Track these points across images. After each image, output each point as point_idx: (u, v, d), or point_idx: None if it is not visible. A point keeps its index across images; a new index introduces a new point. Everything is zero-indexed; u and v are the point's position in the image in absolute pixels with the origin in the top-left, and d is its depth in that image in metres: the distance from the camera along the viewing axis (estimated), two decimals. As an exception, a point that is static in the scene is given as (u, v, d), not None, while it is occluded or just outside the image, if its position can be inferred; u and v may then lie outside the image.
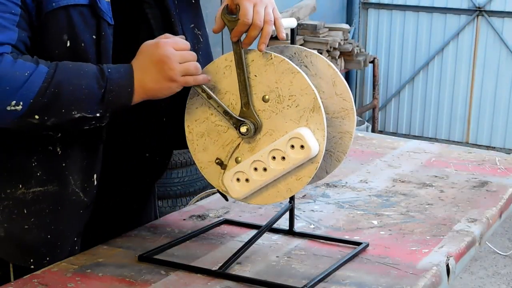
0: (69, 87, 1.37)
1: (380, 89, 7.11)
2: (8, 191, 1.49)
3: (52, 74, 1.36)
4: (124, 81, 1.42)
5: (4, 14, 1.36)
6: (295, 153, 1.44)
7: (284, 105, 1.46)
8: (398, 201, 1.95)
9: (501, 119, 6.77)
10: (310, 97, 1.44)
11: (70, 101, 1.38)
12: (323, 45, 5.91)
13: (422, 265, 1.54)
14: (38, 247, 1.52)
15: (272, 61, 1.46)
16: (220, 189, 1.55)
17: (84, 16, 1.43)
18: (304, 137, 1.43)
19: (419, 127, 7.19)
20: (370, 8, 7.21)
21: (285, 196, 1.51)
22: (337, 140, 1.57)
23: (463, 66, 6.84)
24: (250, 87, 1.48)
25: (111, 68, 1.43)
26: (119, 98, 1.42)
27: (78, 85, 1.38)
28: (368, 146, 2.50)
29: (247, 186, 1.49)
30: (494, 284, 4.18)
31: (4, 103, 1.33)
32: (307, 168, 1.46)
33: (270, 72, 1.46)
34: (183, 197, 4.18)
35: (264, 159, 1.47)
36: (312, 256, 1.60)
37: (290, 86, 1.45)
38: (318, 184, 2.05)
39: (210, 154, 1.53)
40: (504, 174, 2.21)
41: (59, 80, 1.36)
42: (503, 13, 6.54)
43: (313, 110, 1.44)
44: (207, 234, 1.72)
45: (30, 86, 1.34)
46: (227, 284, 1.45)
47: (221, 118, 1.51)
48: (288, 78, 1.45)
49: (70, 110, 1.38)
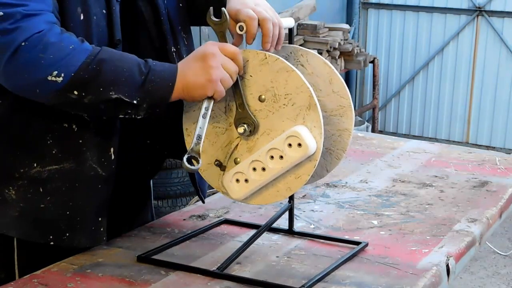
0: (111, 67, 1.38)
1: (380, 89, 7.11)
2: (22, 170, 1.49)
3: (96, 53, 1.38)
4: (167, 74, 1.43)
5: None
6: (293, 152, 1.44)
7: (280, 104, 1.46)
8: (398, 201, 1.95)
9: (501, 119, 6.77)
10: (305, 95, 1.44)
11: (109, 80, 1.38)
12: (323, 45, 5.91)
13: (422, 265, 1.54)
14: (57, 223, 1.52)
15: (266, 60, 1.46)
16: (220, 191, 1.55)
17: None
18: (301, 135, 1.43)
19: (419, 127, 7.19)
20: (370, 8, 7.21)
21: (285, 195, 1.51)
22: (336, 138, 1.57)
23: (463, 66, 6.84)
24: (246, 88, 1.48)
25: (156, 62, 1.44)
26: (158, 90, 1.42)
27: (120, 66, 1.39)
28: (368, 146, 2.50)
29: (246, 186, 1.49)
30: (494, 284, 4.18)
31: (46, 72, 1.34)
32: (306, 166, 1.46)
33: (265, 71, 1.46)
34: (183, 197, 4.17)
35: (262, 159, 1.47)
36: (312, 256, 1.60)
37: (285, 85, 1.45)
38: (318, 184, 2.05)
39: (209, 156, 1.53)
40: (504, 174, 2.21)
41: (102, 58, 1.38)
42: (503, 13, 6.54)
43: (309, 108, 1.44)
44: (207, 234, 1.72)
45: (72, 60, 1.35)
46: (227, 284, 1.45)
47: (219, 119, 1.51)
48: (283, 77, 1.45)
49: (108, 90, 1.38)
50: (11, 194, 1.51)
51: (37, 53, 1.33)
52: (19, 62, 1.33)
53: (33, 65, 1.34)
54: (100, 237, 1.58)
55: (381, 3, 7.13)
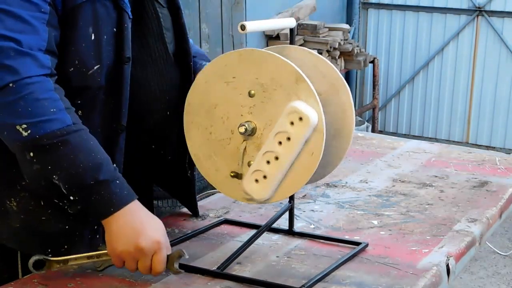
0: (69, 154, 1.36)
1: (380, 89, 7.11)
2: (24, 183, 1.48)
3: (70, 131, 1.36)
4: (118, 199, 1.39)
5: (34, 13, 1.37)
6: (297, 128, 1.42)
7: (270, 91, 1.45)
8: (398, 201, 1.95)
9: (501, 119, 6.77)
10: (289, 71, 1.43)
11: (59, 164, 1.36)
12: (323, 45, 5.91)
13: (422, 265, 1.54)
14: (56, 236, 1.52)
15: (242, 57, 1.46)
16: (244, 200, 1.53)
17: (107, 9, 1.47)
18: (298, 108, 1.41)
19: (419, 127, 7.19)
20: (370, 8, 7.21)
21: (307, 177, 1.46)
22: (340, 115, 1.56)
23: (463, 66, 6.84)
24: (234, 89, 1.47)
25: (122, 181, 1.41)
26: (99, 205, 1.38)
27: (79, 159, 1.36)
28: (368, 146, 2.50)
29: (267, 182, 1.47)
30: (494, 284, 4.18)
31: (17, 120, 1.33)
32: (315, 140, 1.43)
33: (245, 66, 1.46)
34: (183, 197, 4.16)
35: (271, 148, 1.45)
36: (312, 256, 1.60)
37: (267, 70, 1.44)
38: (318, 184, 2.05)
39: (223, 171, 1.52)
40: (504, 174, 2.21)
41: (69, 140, 1.36)
42: (503, 13, 6.54)
43: (297, 82, 1.43)
44: (207, 234, 1.72)
45: (45, 124, 1.34)
46: (227, 284, 1.45)
47: (220, 132, 1.50)
48: (263, 64, 1.44)
49: (53, 172, 1.36)
50: (12, 205, 1.51)
51: (18, 100, 1.32)
52: (0, 100, 1.33)
53: (9, 109, 1.33)
54: (97, 243, 1.58)
55: (381, 3, 7.13)
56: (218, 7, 4.75)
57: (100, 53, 1.47)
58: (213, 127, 1.51)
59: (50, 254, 1.50)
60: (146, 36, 1.59)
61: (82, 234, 1.55)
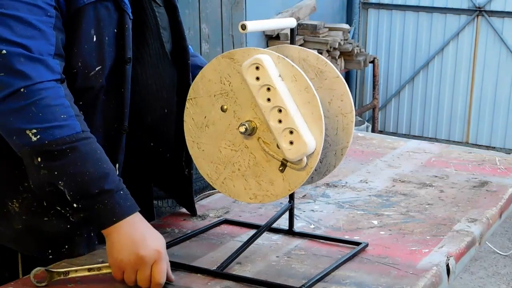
0: (77, 161, 1.36)
1: (380, 89, 7.11)
2: (26, 184, 1.48)
3: (79, 138, 1.36)
4: (120, 210, 1.39)
5: (42, 17, 1.37)
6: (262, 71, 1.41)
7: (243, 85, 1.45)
8: (398, 201, 1.95)
9: (501, 119, 6.77)
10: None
11: (65, 171, 1.36)
12: (323, 45, 5.91)
13: (422, 265, 1.54)
14: (57, 237, 1.52)
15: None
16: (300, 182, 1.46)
17: (109, 10, 1.48)
18: (262, 60, 1.41)
19: (419, 127, 7.20)
20: (370, 8, 7.21)
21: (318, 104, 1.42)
22: (339, 114, 1.55)
23: (463, 66, 6.84)
24: None
25: (126, 192, 1.41)
26: (101, 215, 1.38)
27: (86, 167, 1.36)
28: (368, 146, 2.50)
29: (297, 133, 1.40)
30: (494, 284, 4.18)
31: (27, 125, 1.33)
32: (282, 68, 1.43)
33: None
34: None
35: (267, 110, 1.42)
36: (312, 256, 1.60)
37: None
38: (318, 184, 2.04)
39: (270, 175, 1.48)
40: (504, 174, 2.21)
41: (78, 147, 1.36)
42: (503, 13, 6.54)
43: None
44: (207, 234, 1.72)
45: (55, 130, 1.34)
46: (227, 284, 1.45)
47: (241, 148, 1.48)
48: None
49: (59, 178, 1.36)
50: (14, 207, 1.51)
51: (29, 105, 1.33)
52: (10, 104, 1.33)
53: (19, 113, 1.33)
54: (94, 241, 1.59)
55: (381, 3, 7.13)
56: (218, 7, 4.75)
57: (102, 54, 1.48)
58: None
59: (50, 256, 1.50)
60: (144, 35, 1.60)
61: (82, 233, 1.55)
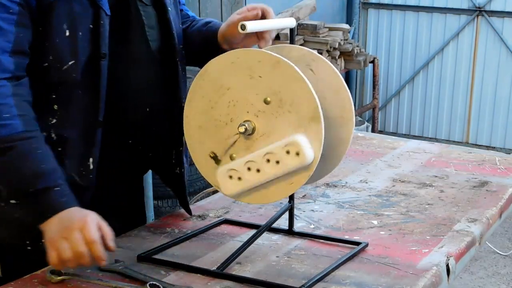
0: (12, 161, 1.38)
1: (380, 89, 7.10)
2: None
3: (18, 139, 1.39)
4: (51, 207, 1.41)
5: (2, 14, 1.38)
6: (290, 159, 1.44)
7: (284, 110, 1.45)
8: (398, 201, 1.95)
9: (501, 119, 6.76)
10: (311, 106, 1.43)
11: (2, 169, 1.39)
12: (323, 45, 5.91)
13: (422, 265, 1.54)
14: (34, 228, 1.51)
15: (279, 65, 1.44)
16: (214, 185, 1.55)
17: (83, 6, 1.48)
18: (300, 144, 1.43)
19: (419, 127, 7.19)
20: (370, 8, 7.21)
21: (273, 200, 1.52)
22: (334, 146, 1.57)
23: (463, 66, 6.83)
24: (253, 87, 1.46)
25: (62, 188, 1.42)
26: (38, 210, 1.41)
27: (20, 167, 1.39)
28: (368, 146, 2.50)
29: (238, 184, 1.49)
30: (494, 284, 4.18)
31: None
32: (300, 175, 1.46)
33: (276, 75, 1.44)
34: (183, 197, 4.16)
35: (258, 161, 1.46)
36: (312, 256, 1.60)
37: (293, 92, 1.44)
38: (318, 184, 2.05)
39: (206, 148, 1.53)
40: (504, 174, 2.21)
41: (15, 146, 1.38)
42: (503, 13, 6.54)
43: (312, 119, 1.43)
44: (207, 234, 1.72)
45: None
46: (227, 284, 1.45)
47: (220, 113, 1.50)
48: (293, 84, 1.43)
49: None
50: None
51: None
52: None
53: None
54: None
55: (381, 3, 7.13)
56: (218, 7, 4.75)
57: (76, 49, 1.48)
58: (217, 105, 1.50)
59: (29, 246, 1.51)
60: (127, 33, 1.60)
61: None
